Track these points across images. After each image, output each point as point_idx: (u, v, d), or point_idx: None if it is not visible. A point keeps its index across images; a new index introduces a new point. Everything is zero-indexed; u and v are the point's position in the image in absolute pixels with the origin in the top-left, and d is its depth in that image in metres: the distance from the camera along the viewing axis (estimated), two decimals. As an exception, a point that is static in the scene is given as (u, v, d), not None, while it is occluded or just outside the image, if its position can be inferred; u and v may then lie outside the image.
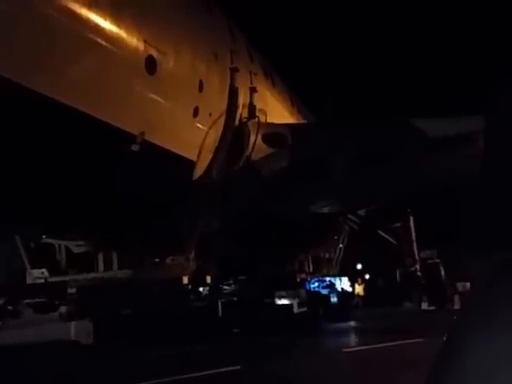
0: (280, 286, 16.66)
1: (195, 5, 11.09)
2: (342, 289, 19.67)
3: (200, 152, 11.44)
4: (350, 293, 20.50)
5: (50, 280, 12.31)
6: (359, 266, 25.20)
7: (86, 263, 13.37)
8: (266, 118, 13.86)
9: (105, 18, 7.93)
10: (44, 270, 12.36)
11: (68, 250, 13.54)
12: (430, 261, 21.50)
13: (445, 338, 1.10)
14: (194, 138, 11.20)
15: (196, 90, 10.64)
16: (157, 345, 11.33)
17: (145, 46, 8.77)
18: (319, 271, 22.06)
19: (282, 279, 17.12)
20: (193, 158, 11.33)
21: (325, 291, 18.82)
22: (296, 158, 13.45)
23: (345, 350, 11.61)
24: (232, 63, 12.29)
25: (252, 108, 12.98)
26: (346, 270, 21.96)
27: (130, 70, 8.67)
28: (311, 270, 22.13)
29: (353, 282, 21.66)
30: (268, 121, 13.91)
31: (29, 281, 12.34)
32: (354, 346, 12.73)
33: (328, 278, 19.87)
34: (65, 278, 12.64)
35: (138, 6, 8.69)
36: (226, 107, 12.04)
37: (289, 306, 16.22)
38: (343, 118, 21.05)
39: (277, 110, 15.70)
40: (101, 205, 9.93)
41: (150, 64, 8.95)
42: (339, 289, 19.38)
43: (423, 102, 20.73)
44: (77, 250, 13.40)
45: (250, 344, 12.22)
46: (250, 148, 12.95)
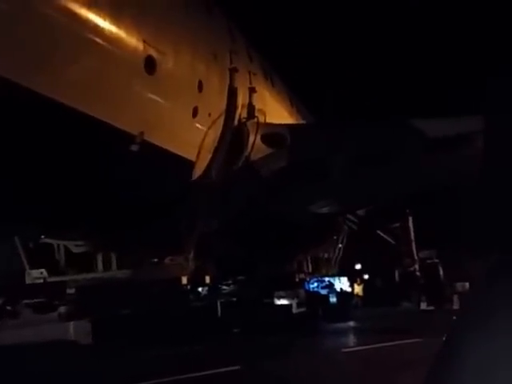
0: (279, 286, 16.66)
1: (195, 5, 11.10)
2: (341, 289, 19.66)
3: (199, 152, 11.44)
4: (349, 293, 20.48)
5: (49, 280, 12.28)
6: (358, 266, 25.19)
7: (85, 263, 13.36)
8: (266, 118, 13.86)
9: (104, 18, 7.93)
10: (43, 270, 12.33)
11: (67, 250, 13.53)
12: (428, 261, 21.49)
13: (444, 337, 1.10)
14: (193, 138, 11.21)
15: (195, 90, 10.64)
16: (156, 345, 11.32)
17: (144, 46, 8.77)
18: (318, 271, 22.06)
19: (281, 279, 17.11)
20: (192, 158, 11.33)
21: (324, 291, 18.82)
22: (295, 158, 13.45)
23: (344, 350, 11.61)
24: (231, 63, 12.30)
25: (251, 108, 12.98)
26: (345, 270, 21.94)
27: (129, 69, 8.67)
28: (310, 270, 22.14)
29: (352, 282, 21.64)
30: (267, 121, 13.91)
31: (28, 281, 12.31)
32: (352, 346, 12.73)
33: (327, 278, 19.86)
34: (64, 278, 12.62)
35: (137, 6, 8.70)
36: (225, 107, 12.04)
37: (288, 306, 16.21)
38: (343, 118, 21.05)
39: (276, 110, 15.70)
40: (100, 205, 9.93)
41: (150, 64, 8.95)
42: (338, 289, 19.36)
43: (423, 102, 20.74)
44: (76, 250, 13.39)
45: (249, 344, 12.21)
46: (249, 148, 12.95)
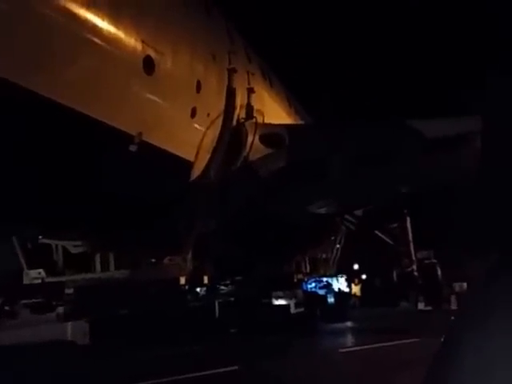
0: (277, 286, 16.66)
1: (193, 5, 11.11)
2: (339, 289, 19.68)
3: (198, 152, 11.45)
4: (346, 293, 20.51)
5: (47, 280, 12.27)
6: (356, 267, 25.24)
7: (83, 263, 13.34)
8: (264, 119, 13.88)
9: (103, 19, 7.93)
10: (41, 271, 12.31)
11: (65, 250, 13.51)
12: (426, 261, 21.52)
13: (442, 338, 1.11)
14: (192, 139, 11.21)
15: (194, 90, 10.65)
16: (154, 345, 11.31)
17: (143, 47, 8.77)
18: (316, 271, 22.09)
19: (279, 279, 17.11)
20: (190, 158, 11.34)
21: (322, 291, 18.84)
22: (293, 158, 13.47)
23: (341, 350, 11.63)
24: (230, 64, 12.31)
25: (250, 108, 13.00)
26: (343, 271, 21.98)
27: (128, 70, 8.67)
28: (308, 270, 22.17)
29: (350, 282, 21.69)
30: (266, 121, 13.93)
31: (26, 281, 12.29)
32: (350, 346, 12.75)
33: (325, 279, 19.89)
34: (62, 279, 12.59)
35: (136, 7, 8.70)
36: (223, 108, 12.05)
37: (286, 307, 16.22)
38: (341, 119, 21.08)
39: (274, 111, 15.71)
40: (98, 205, 9.92)
41: (148, 64, 8.96)
42: (336, 289, 19.39)
43: (421, 102, 20.78)
44: (74, 251, 13.38)
45: (247, 344, 12.21)
46: (247, 148, 12.97)
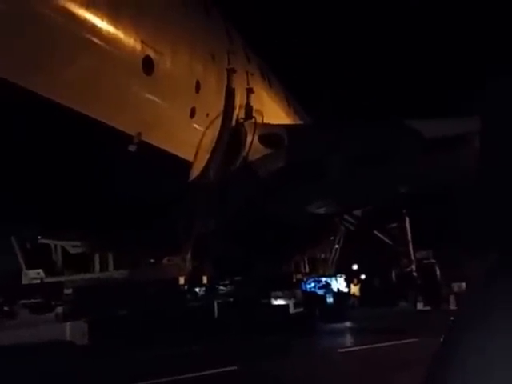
0: (276, 286, 16.66)
1: (192, 5, 11.11)
2: (338, 289, 19.69)
3: (197, 152, 11.46)
4: (345, 293, 20.51)
5: (46, 280, 12.26)
6: (355, 267, 25.25)
7: (82, 264, 13.33)
8: (263, 119, 13.89)
9: (102, 19, 7.94)
10: (40, 271, 12.31)
11: (64, 250, 13.50)
12: (425, 261, 21.54)
13: (442, 338, 1.11)
14: (191, 139, 11.22)
15: (193, 90, 10.66)
16: (153, 345, 11.31)
17: (142, 47, 8.77)
18: (315, 271, 22.09)
19: (278, 279, 17.11)
20: (190, 158, 11.35)
21: (321, 291, 18.84)
22: (292, 158, 13.47)
23: (340, 350, 11.62)
24: (229, 64, 12.32)
25: (249, 109, 13.01)
26: (342, 271, 21.99)
27: (127, 70, 8.67)
28: (307, 270, 22.16)
29: (349, 282, 21.69)
30: (265, 121, 13.94)
31: (25, 281, 12.29)
32: (349, 346, 12.75)
33: (324, 279, 19.89)
34: (61, 279, 12.59)
35: (135, 7, 8.70)
36: (222, 108, 12.06)
37: (285, 307, 16.22)
38: (340, 119, 21.09)
39: (273, 111, 15.72)
40: (97, 205, 9.92)
41: (147, 64, 8.96)
42: (335, 289, 19.40)
43: (420, 102, 20.81)
44: (73, 251, 13.37)
45: (246, 344, 12.20)
46: (246, 148, 12.98)
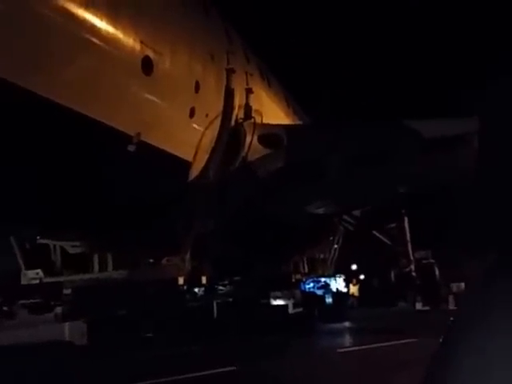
0: (275, 286, 16.67)
1: (192, 6, 11.12)
2: (337, 289, 19.70)
3: (196, 152, 11.46)
4: (344, 293, 20.53)
5: (45, 281, 12.25)
6: (354, 267, 25.26)
7: (81, 264, 13.32)
8: (262, 119, 13.90)
9: (101, 19, 7.94)
10: (39, 271, 12.30)
11: (63, 250, 13.49)
12: (424, 261, 21.57)
13: (441, 338, 1.12)
14: (190, 139, 11.22)
15: (192, 90, 10.66)
16: (152, 345, 11.31)
17: (141, 47, 8.78)
18: (314, 272, 22.09)
19: (278, 280, 17.13)
20: (189, 158, 11.35)
21: (320, 292, 18.86)
22: (292, 158, 13.48)
23: (339, 350, 11.63)
24: (228, 64, 12.32)
25: (248, 109, 13.02)
26: (341, 271, 22.01)
27: (127, 70, 8.67)
28: (306, 270, 22.17)
29: (348, 282, 21.71)
30: (264, 121, 13.95)
31: (24, 281, 12.28)
32: (348, 347, 12.75)
33: (323, 279, 19.90)
34: (60, 279, 12.58)
35: (134, 7, 8.70)
36: (222, 108, 12.06)
37: (284, 307, 16.23)
38: (339, 119, 21.10)
39: (272, 111, 15.73)
40: (96, 205, 9.92)
41: (147, 65, 8.97)
42: (334, 289, 19.41)
43: (419, 102, 20.82)
44: (72, 251, 13.36)
45: (245, 344, 12.20)
46: (245, 149, 12.98)
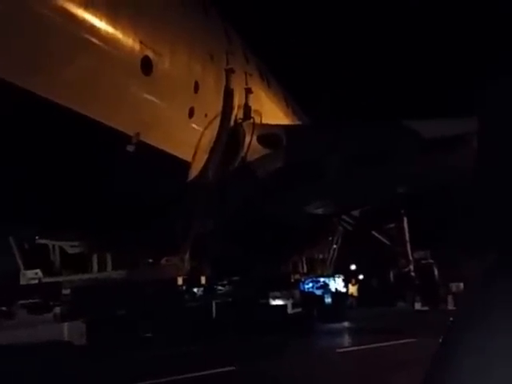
0: (274, 286, 16.68)
1: (191, 6, 11.12)
2: (336, 289, 19.71)
3: (195, 153, 11.47)
4: (343, 293, 20.53)
5: (44, 281, 12.23)
6: (353, 267, 25.27)
7: (80, 264, 13.31)
8: (261, 119, 13.90)
9: (101, 19, 7.94)
10: (38, 271, 12.28)
11: (62, 250, 13.48)
12: (423, 261, 21.59)
13: (441, 338, 1.13)
14: (190, 139, 11.22)
15: (191, 90, 10.66)
16: (151, 345, 11.31)
17: (141, 47, 8.78)
18: (313, 272, 22.10)
19: (277, 280, 17.14)
20: (188, 158, 11.35)
21: (319, 292, 18.87)
22: (291, 158, 13.49)
23: (338, 350, 11.64)
24: (228, 64, 12.33)
25: (247, 109, 13.02)
26: (340, 271, 22.02)
27: (126, 70, 8.68)
28: (305, 270, 22.18)
29: (347, 282, 21.72)
30: (263, 122, 13.96)
31: (22, 281, 12.25)
32: (347, 346, 12.76)
33: (322, 279, 19.91)
34: (59, 279, 12.56)
35: (134, 7, 8.71)
36: (221, 108, 12.07)
37: (283, 307, 16.24)
38: (339, 119, 21.11)
39: (272, 111, 15.73)
40: (96, 205, 9.92)
41: (146, 65, 8.97)
42: (333, 289, 19.42)
43: (419, 102, 20.84)
44: (71, 251, 13.35)
45: (244, 344, 12.21)
46: (245, 149, 12.98)
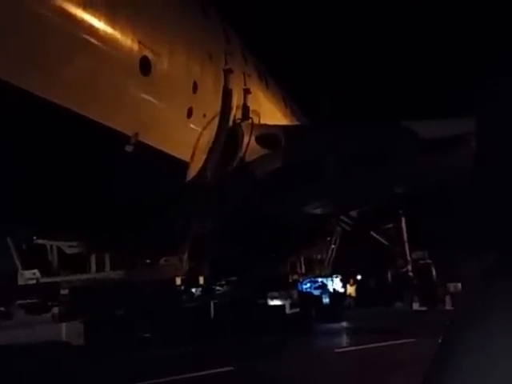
0: (272, 286, 16.68)
1: (190, 5, 11.12)
2: (334, 289, 19.75)
3: (194, 153, 11.46)
4: (341, 293, 20.57)
5: (42, 281, 12.21)
6: (351, 267, 25.27)
7: (78, 264, 13.29)
8: (260, 120, 13.91)
9: (99, 19, 7.93)
10: (36, 271, 12.25)
11: (60, 250, 13.45)
12: (421, 261, 21.63)
13: (440, 338, 1.13)
14: (188, 139, 11.22)
15: (190, 90, 10.66)
16: (149, 346, 11.31)
17: (139, 47, 8.78)
18: (311, 272, 22.10)
19: (275, 280, 17.14)
20: (186, 158, 11.35)
21: (317, 292, 18.89)
22: (289, 159, 13.50)
23: (337, 350, 11.66)
24: (226, 64, 12.32)
25: (246, 109, 13.02)
26: (338, 271, 22.04)
27: (125, 70, 8.67)
28: (303, 270, 22.18)
29: (345, 282, 21.76)
30: (262, 122, 13.96)
31: (20, 282, 12.22)
32: (345, 347, 12.79)
33: (320, 279, 19.93)
34: (57, 279, 12.54)
35: (132, 7, 8.70)
36: (219, 108, 12.07)
37: (281, 307, 16.24)
38: (337, 119, 21.14)
39: (270, 112, 15.74)
40: (94, 205, 9.91)
41: (145, 65, 8.97)
42: (331, 289, 19.45)
43: (418, 102, 20.87)
44: (69, 251, 13.32)
45: (242, 344, 12.22)
46: (243, 149, 12.99)
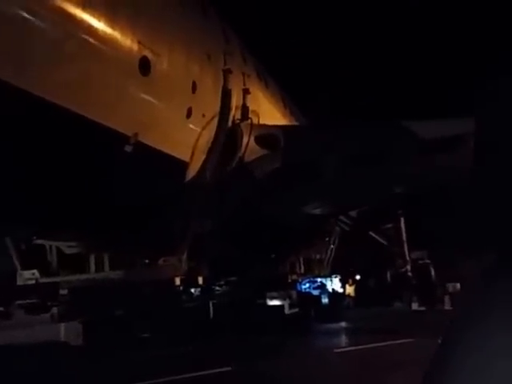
0: (271, 287, 16.69)
1: (189, 5, 11.12)
2: (333, 289, 19.77)
3: (193, 153, 11.47)
4: (340, 293, 20.60)
5: (42, 281, 12.21)
6: (350, 267, 25.30)
7: (77, 264, 13.28)
8: (259, 120, 13.91)
9: (98, 19, 7.93)
10: (35, 271, 12.24)
11: (59, 250, 13.45)
12: (420, 261, 21.66)
13: (440, 338, 1.14)
14: (187, 139, 11.22)
15: (189, 91, 10.66)
16: (148, 346, 11.32)
17: (139, 47, 8.77)
18: (310, 272, 22.13)
19: (274, 280, 17.15)
20: (186, 159, 11.35)
21: (316, 292, 18.91)
22: (288, 159, 13.51)
23: (336, 350, 11.67)
24: (225, 64, 12.33)
25: (245, 109, 13.03)
26: (337, 271, 22.06)
27: (124, 70, 8.67)
28: (302, 270, 22.20)
29: (344, 282, 21.78)
30: (261, 122, 13.96)
31: (20, 282, 12.21)
32: (345, 347, 12.80)
33: (319, 279, 19.96)
34: (56, 279, 12.54)
35: (132, 7, 8.70)
36: (219, 108, 12.07)
37: (280, 307, 16.26)
38: (336, 119, 21.15)
39: (270, 112, 15.75)
40: (93, 205, 9.91)
41: (144, 65, 8.96)
42: (330, 289, 19.48)
43: (417, 102, 20.88)
44: (68, 251, 13.32)
45: (241, 345, 12.23)
46: (242, 149, 12.99)
